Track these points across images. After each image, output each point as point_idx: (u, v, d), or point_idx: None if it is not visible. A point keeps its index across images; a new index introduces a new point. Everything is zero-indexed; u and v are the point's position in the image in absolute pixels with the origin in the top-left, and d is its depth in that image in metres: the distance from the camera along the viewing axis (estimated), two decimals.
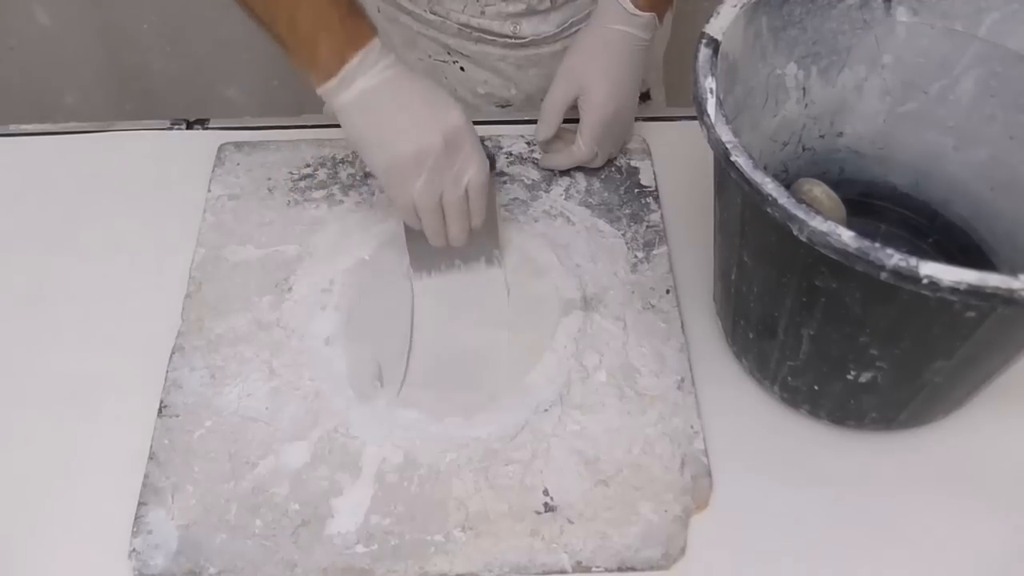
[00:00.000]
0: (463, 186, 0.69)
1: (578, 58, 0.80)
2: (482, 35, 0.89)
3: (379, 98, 0.67)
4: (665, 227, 0.81)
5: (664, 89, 1.06)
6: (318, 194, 0.83)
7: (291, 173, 0.85)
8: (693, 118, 0.59)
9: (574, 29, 0.90)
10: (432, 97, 0.69)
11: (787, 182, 0.72)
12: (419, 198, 0.68)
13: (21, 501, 0.66)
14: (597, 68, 0.79)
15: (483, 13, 0.88)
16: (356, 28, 0.67)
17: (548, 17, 0.89)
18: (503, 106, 0.96)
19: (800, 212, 0.51)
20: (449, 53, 0.92)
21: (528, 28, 0.89)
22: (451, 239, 0.73)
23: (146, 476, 0.66)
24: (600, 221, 0.82)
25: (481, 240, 0.75)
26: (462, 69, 0.93)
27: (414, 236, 0.74)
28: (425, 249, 0.74)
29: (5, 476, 0.67)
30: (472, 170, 0.69)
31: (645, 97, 0.99)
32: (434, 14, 0.89)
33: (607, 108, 0.79)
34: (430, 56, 0.93)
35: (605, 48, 0.79)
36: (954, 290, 0.48)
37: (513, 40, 0.90)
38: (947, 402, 0.66)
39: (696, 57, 0.60)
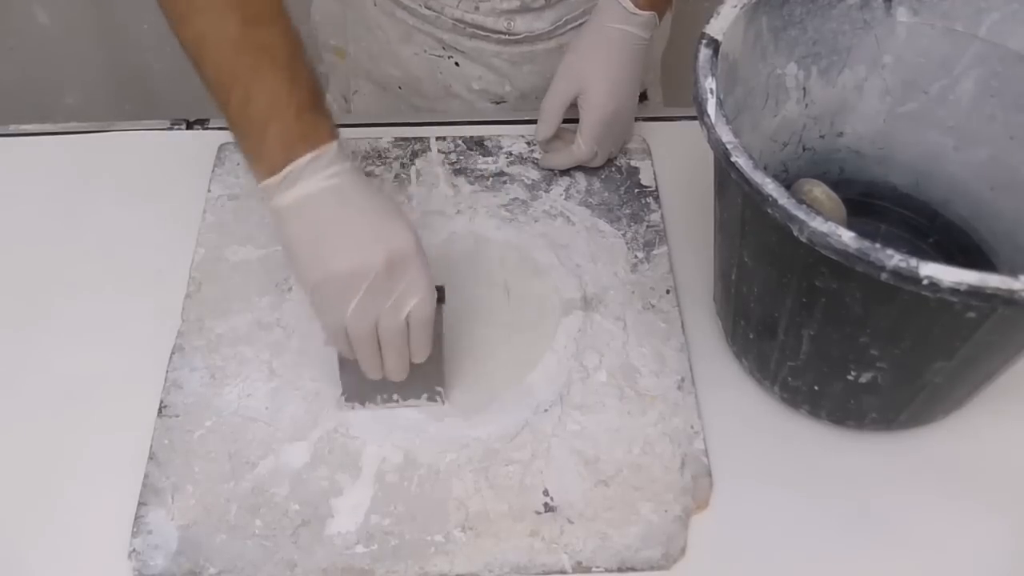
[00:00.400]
0: (403, 316, 0.61)
1: (578, 57, 0.80)
2: (476, 31, 0.89)
3: (321, 206, 0.60)
4: (665, 227, 0.81)
5: (661, 90, 1.06)
6: None
7: None
8: (693, 118, 0.59)
9: (569, 27, 0.90)
10: (382, 212, 0.61)
11: (787, 182, 0.72)
12: (351, 323, 0.61)
13: (21, 501, 0.66)
14: (597, 67, 0.79)
15: (477, 9, 0.88)
16: (314, 125, 0.60)
17: (542, 14, 0.89)
18: (497, 102, 0.96)
19: (800, 213, 0.51)
20: (444, 48, 0.92)
21: (522, 25, 0.89)
22: (388, 372, 0.65)
23: (146, 476, 0.66)
24: (600, 221, 0.82)
25: (423, 376, 0.68)
26: (457, 64, 0.93)
27: (348, 365, 0.66)
28: (360, 380, 0.67)
29: (5, 476, 0.67)
30: (415, 300, 0.61)
31: (643, 97, 0.99)
32: (429, 9, 0.89)
33: (607, 107, 0.79)
34: (425, 51, 0.93)
35: (605, 47, 0.79)
36: (954, 291, 0.48)
37: (507, 36, 0.90)
38: (947, 402, 0.66)
39: (696, 57, 0.60)
